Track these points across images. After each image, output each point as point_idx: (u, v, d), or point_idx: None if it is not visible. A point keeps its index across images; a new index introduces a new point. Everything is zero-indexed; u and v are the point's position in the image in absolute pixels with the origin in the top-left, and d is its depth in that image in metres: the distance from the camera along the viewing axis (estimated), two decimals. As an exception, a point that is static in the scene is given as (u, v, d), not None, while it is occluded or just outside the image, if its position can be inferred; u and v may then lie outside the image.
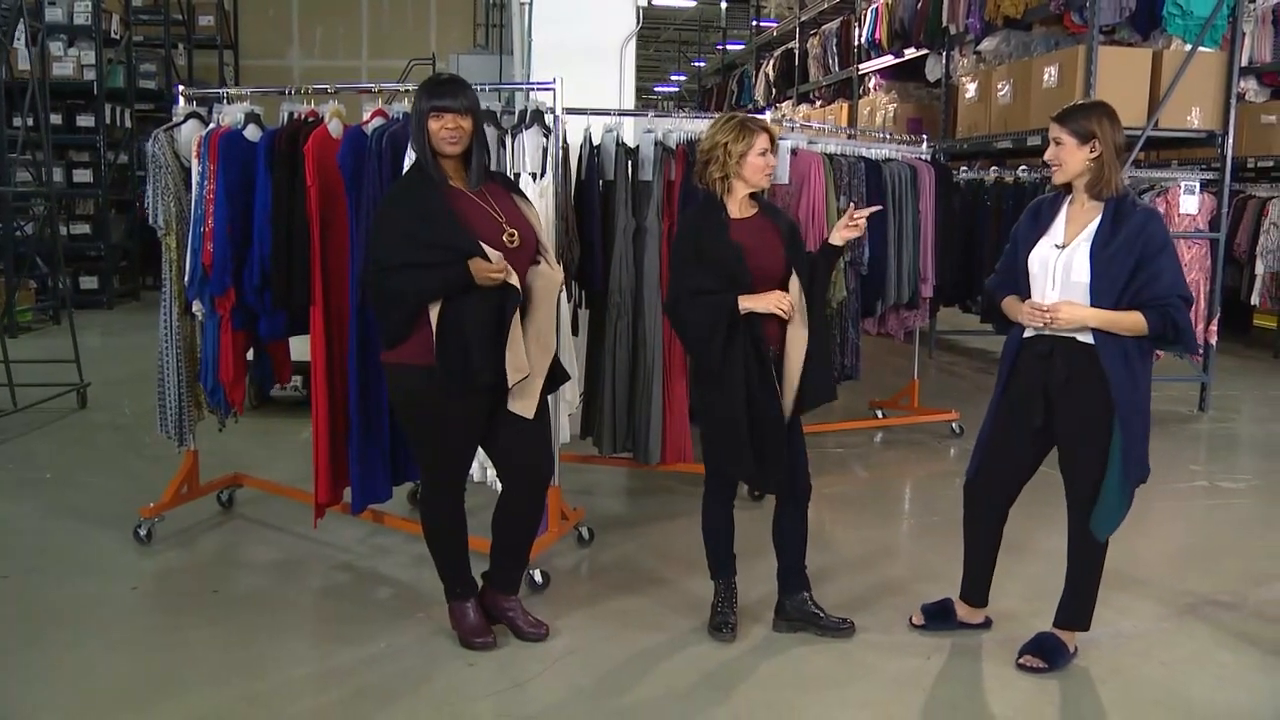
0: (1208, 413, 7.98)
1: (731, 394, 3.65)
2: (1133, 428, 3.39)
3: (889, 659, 3.75)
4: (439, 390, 3.53)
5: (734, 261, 3.66)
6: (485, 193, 3.63)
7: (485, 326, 3.49)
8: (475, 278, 3.44)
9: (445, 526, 3.80)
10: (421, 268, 3.49)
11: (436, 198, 3.54)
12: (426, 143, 3.55)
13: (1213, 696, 3.56)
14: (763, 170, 3.73)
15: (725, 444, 3.74)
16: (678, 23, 26.85)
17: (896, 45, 11.34)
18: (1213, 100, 7.86)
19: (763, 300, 3.63)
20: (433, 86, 3.58)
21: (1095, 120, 3.45)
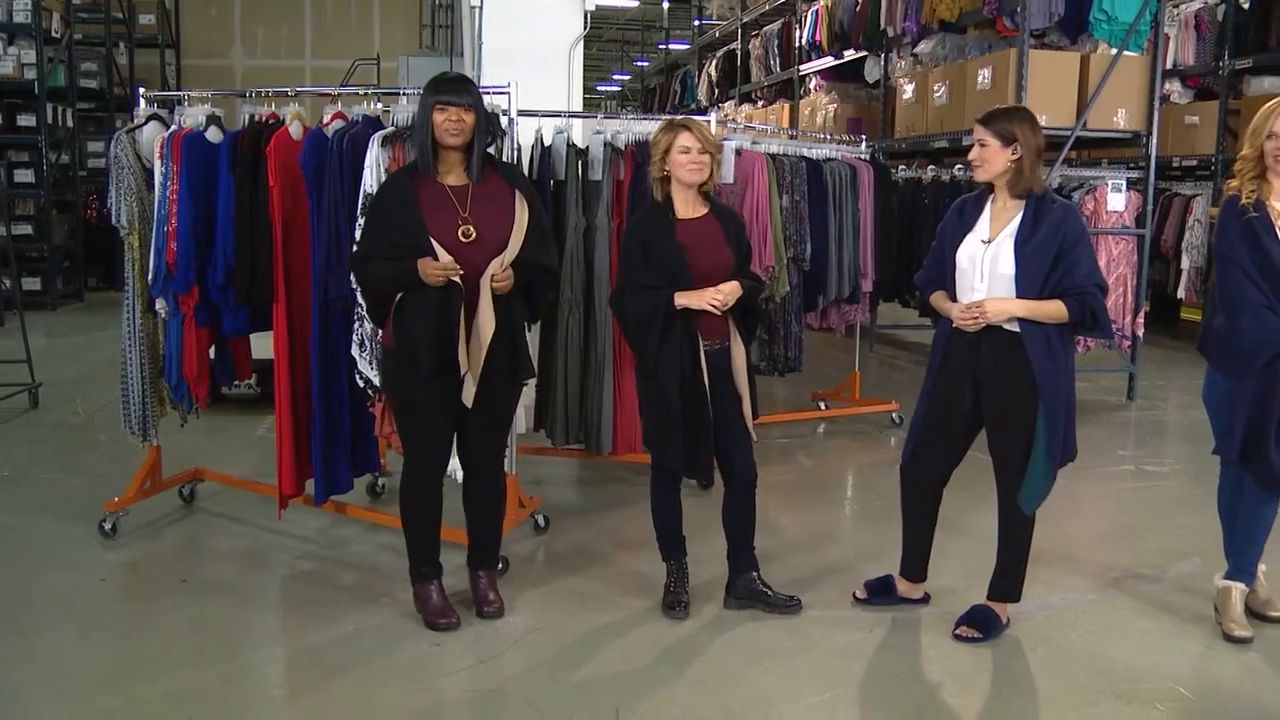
0: (1135, 401, 8.30)
1: (665, 386, 3.88)
2: (1056, 410, 3.64)
3: (834, 632, 3.97)
4: (396, 374, 3.82)
5: (675, 260, 3.87)
6: (473, 187, 3.79)
7: (431, 318, 3.68)
8: (421, 275, 3.63)
9: (420, 507, 3.97)
10: (384, 260, 3.72)
11: (408, 193, 3.73)
12: (430, 135, 3.73)
13: (1134, 661, 3.80)
14: (686, 166, 3.89)
15: (659, 433, 3.97)
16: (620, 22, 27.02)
17: (836, 47, 11.60)
18: (1137, 102, 8.18)
19: (696, 296, 3.83)
20: (440, 83, 3.80)
21: (1017, 124, 3.69)
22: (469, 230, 3.73)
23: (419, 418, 3.87)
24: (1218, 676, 3.74)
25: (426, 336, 3.69)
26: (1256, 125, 3.82)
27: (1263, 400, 3.81)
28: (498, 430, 4.06)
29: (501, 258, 3.74)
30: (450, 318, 3.68)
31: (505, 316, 3.80)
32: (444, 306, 3.68)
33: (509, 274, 3.74)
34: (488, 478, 4.06)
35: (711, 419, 3.95)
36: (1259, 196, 3.80)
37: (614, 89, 35.36)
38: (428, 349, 3.69)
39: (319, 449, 4.60)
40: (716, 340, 3.94)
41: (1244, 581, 4.06)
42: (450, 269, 3.64)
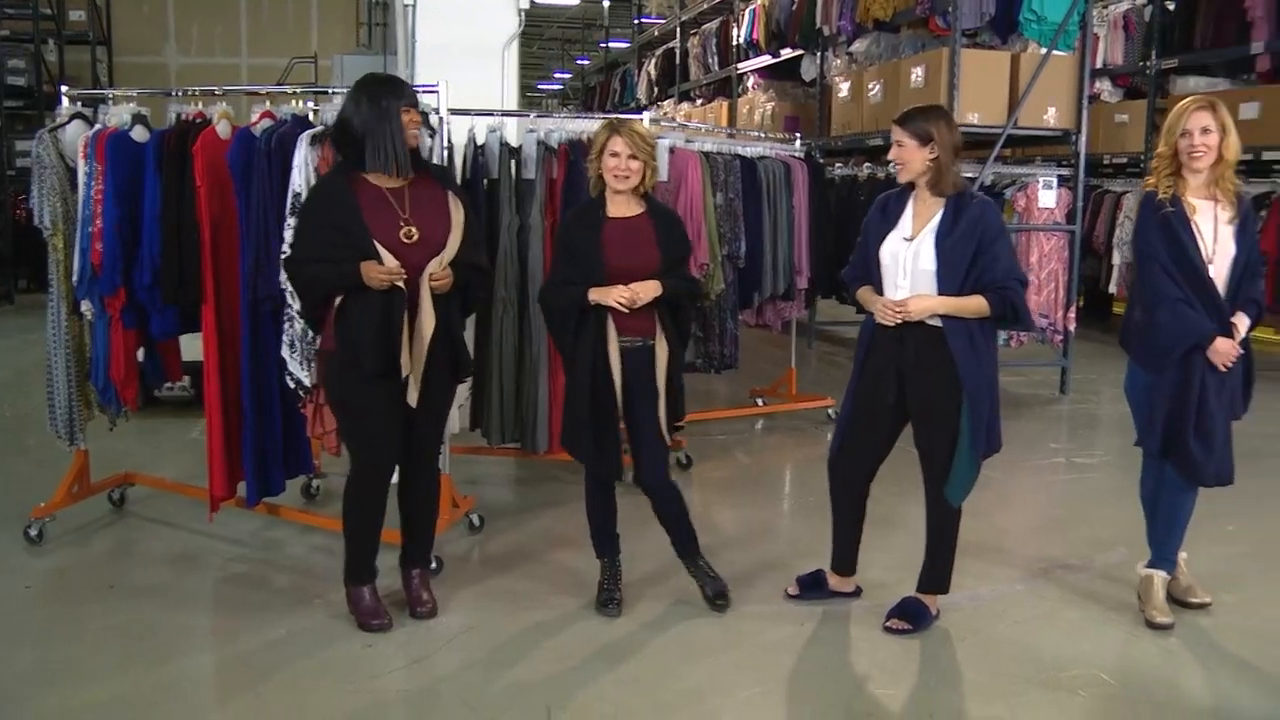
0: (1068, 395, 8.43)
1: (578, 381, 3.93)
2: (979, 403, 3.71)
3: (766, 627, 4.00)
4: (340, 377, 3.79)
5: (593, 258, 3.89)
6: (409, 188, 3.78)
7: (374, 320, 3.65)
8: (364, 278, 3.61)
9: (365, 510, 3.94)
10: (324, 263, 3.69)
11: (347, 195, 3.71)
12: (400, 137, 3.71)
13: (1059, 649, 3.88)
14: (612, 171, 3.91)
15: (571, 427, 4.00)
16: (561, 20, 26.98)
17: (773, 45, 11.67)
18: (1067, 100, 8.31)
19: (606, 293, 3.85)
20: (397, 84, 3.81)
21: (933, 123, 3.76)
22: (411, 232, 3.72)
23: (365, 420, 3.84)
24: (1140, 663, 3.82)
25: (370, 339, 3.66)
26: (1170, 124, 3.91)
27: (1181, 393, 3.90)
28: (436, 429, 4.07)
29: (440, 257, 3.73)
30: (394, 320, 3.67)
31: (444, 316, 3.80)
32: (387, 308, 3.66)
33: (449, 273, 3.74)
34: (423, 476, 4.06)
35: (621, 417, 3.98)
36: (1175, 193, 3.89)
37: (555, 87, 35.28)
38: (372, 351, 3.67)
39: (250, 451, 4.57)
40: (638, 338, 3.94)
41: (1165, 570, 4.15)
42: (396, 273, 3.63)
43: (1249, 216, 3.99)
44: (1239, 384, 4.01)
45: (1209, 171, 3.89)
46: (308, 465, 4.93)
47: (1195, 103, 3.91)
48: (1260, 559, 4.86)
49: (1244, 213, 3.94)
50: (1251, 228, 4.00)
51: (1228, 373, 3.91)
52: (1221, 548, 4.87)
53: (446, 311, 3.79)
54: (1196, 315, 3.86)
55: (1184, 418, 3.90)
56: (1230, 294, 3.90)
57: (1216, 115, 3.85)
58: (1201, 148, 3.84)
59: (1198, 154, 3.85)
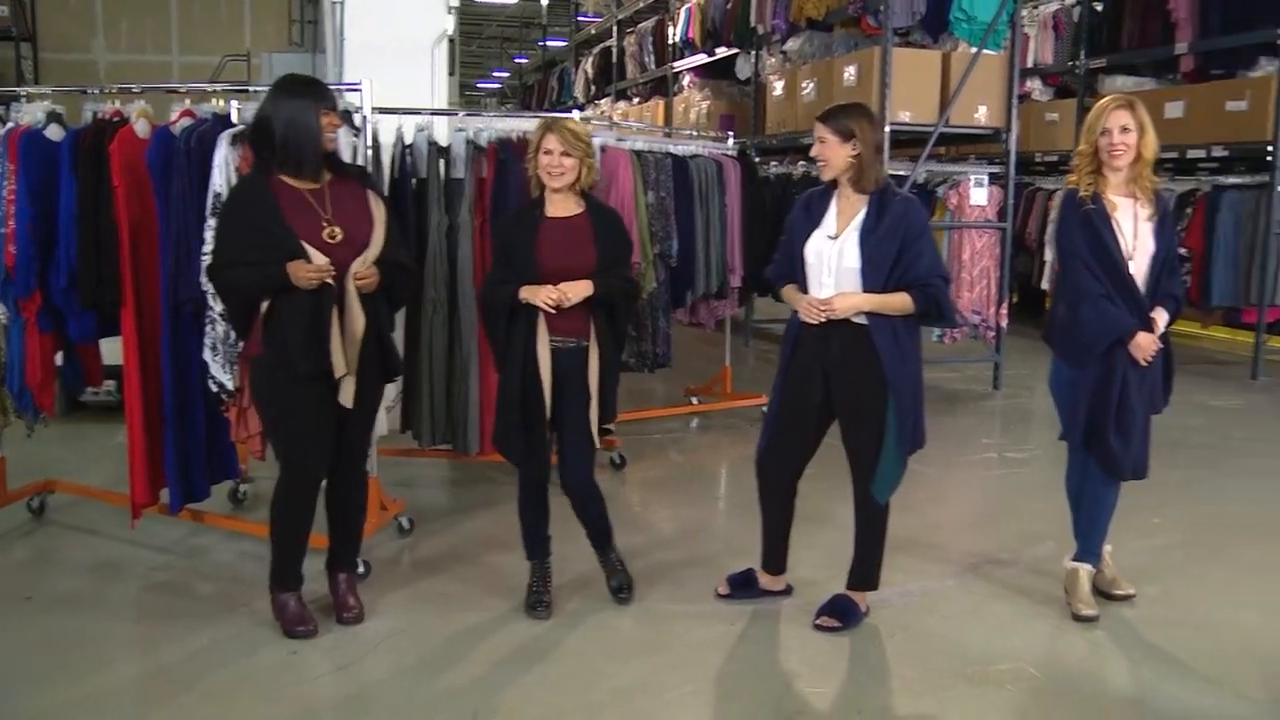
0: (1001, 390, 8.53)
1: (508, 380, 3.92)
2: (904, 400, 3.72)
3: (696, 627, 3.99)
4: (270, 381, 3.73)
5: (526, 257, 3.87)
6: (327, 188, 3.72)
7: (304, 321, 3.60)
8: (292, 279, 3.55)
9: (295, 515, 3.86)
10: (248, 266, 3.63)
11: (268, 196, 3.64)
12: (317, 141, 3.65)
13: (987, 643, 3.91)
14: (546, 169, 3.88)
15: (502, 426, 3.98)
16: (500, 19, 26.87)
17: (709, 44, 11.70)
18: (997, 99, 8.40)
19: (535, 293, 3.82)
20: (317, 86, 3.75)
21: (854, 120, 3.77)
22: (334, 232, 3.66)
23: (296, 423, 3.76)
24: (1066, 656, 3.86)
25: (300, 340, 3.61)
26: (1091, 122, 3.96)
27: (1103, 388, 3.95)
28: (365, 431, 4.01)
29: (365, 255, 3.68)
30: (324, 319, 3.61)
31: (372, 315, 3.75)
32: (316, 308, 3.60)
33: (374, 271, 3.69)
34: (351, 480, 4.00)
35: (550, 417, 3.95)
36: (1096, 190, 3.94)
37: (495, 86, 35.13)
38: (303, 353, 3.61)
39: (172, 456, 4.48)
40: (570, 339, 3.91)
41: (1090, 563, 4.20)
42: (326, 270, 3.57)
43: (1167, 214, 4.05)
44: (1159, 378, 4.07)
45: (1128, 169, 3.94)
46: (233, 470, 4.85)
47: (1114, 101, 3.97)
48: (1184, 550, 4.93)
49: (1163, 210, 4.00)
50: (1170, 225, 4.06)
51: (1148, 367, 3.96)
52: (1147, 539, 4.95)
53: (374, 311, 3.75)
54: (1118, 311, 3.90)
55: (1105, 412, 3.95)
56: (1150, 290, 3.96)
57: (1135, 114, 3.90)
58: (1121, 146, 3.89)
59: (1117, 152, 3.90)
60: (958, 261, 8.30)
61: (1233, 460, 6.66)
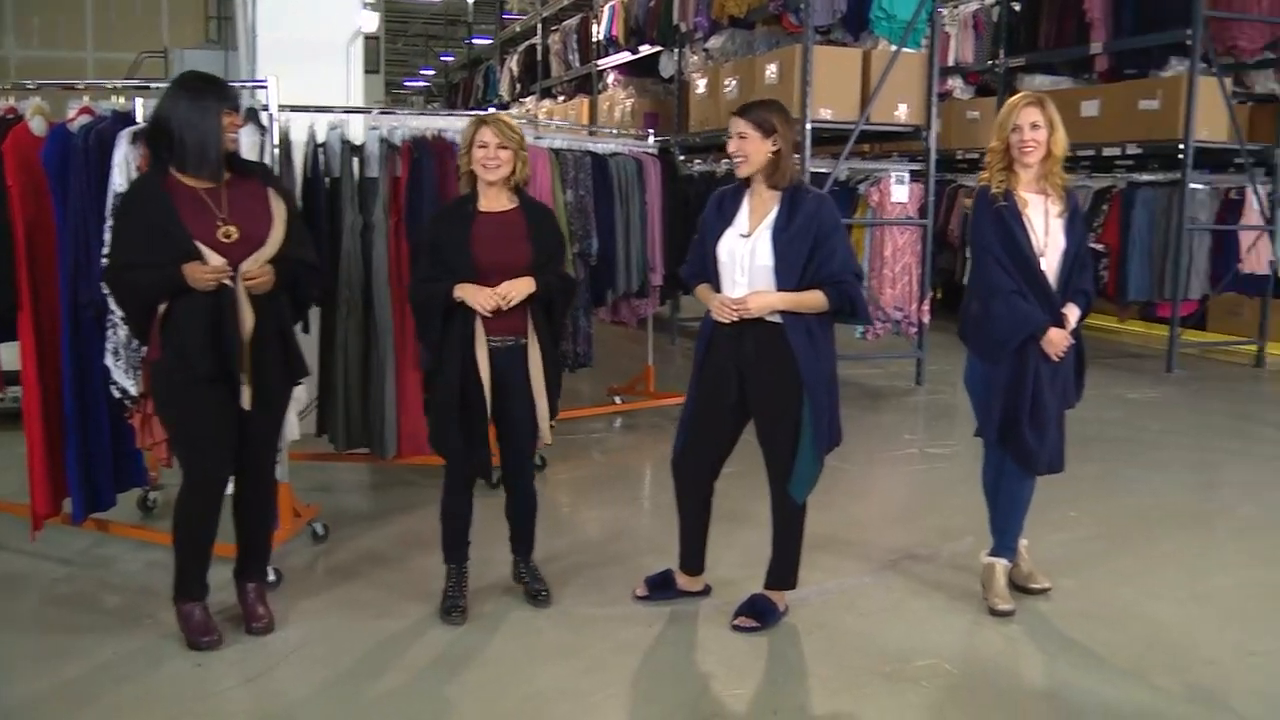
0: (924, 386, 8.61)
1: (445, 379, 3.84)
2: (819, 398, 3.70)
3: (614, 629, 3.94)
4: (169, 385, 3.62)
5: (459, 253, 3.81)
6: (226, 187, 3.61)
7: (202, 323, 3.50)
8: (189, 280, 3.45)
9: (198, 523, 3.74)
10: (144, 268, 3.52)
11: (162, 196, 3.53)
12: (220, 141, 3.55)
13: (905, 640, 3.91)
14: (481, 162, 3.85)
15: (439, 426, 3.92)
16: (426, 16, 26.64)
17: (632, 42, 11.67)
18: (917, 97, 8.46)
19: (474, 295, 3.76)
20: (218, 85, 3.64)
21: (775, 115, 3.75)
22: (230, 231, 3.56)
23: (197, 428, 3.65)
24: (982, 651, 3.87)
25: (199, 342, 3.51)
26: (1002, 119, 3.98)
27: (1016, 383, 3.97)
28: (271, 435, 3.90)
29: (258, 255, 3.57)
30: (223, 321, 3.51)
31: (274, 315, 3.66)
32: (215, 310, 3.50)
33: (267, 271, 3.58)
34: (258, 486, 3.90)
35: (491, 417, 3.89)
36: (1008, 187, 3.96)
37: (422, 85, 34.85)
38: (201, 355, 3.51)
39: (75, 464, 4.35)
40: (509, 337, 3.87)
41: (1006, 557, 4.22)
42: (222, 272, 3.48)
43: (1078, 210, 4.09)
44: (1071, 373, 4.10)
45: (1039, 166, 3.97)
46: (140, 477, 4.72)
47: (1024, 99, 4.00)
48: (1099, 542, 4.98)
49: (1073, 207, 4.04)
50: (1080, 221, 4.10)
51: (1060, 363, 3.99)
52: (1062, 533, 5.00)
53: (275, 311, 3.65)
54: (1030, 307, 3.93)
55: (1019, 407, 3.98)
56: (1061, 286, 3.99)
57: (1045, 111, 3.93)
58: (1031, 143, 3.92)
59: (1028, 149, 3.92)
60: (880, 258, 8.36)
61: (1148, 452, 6.76)
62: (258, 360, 3.60)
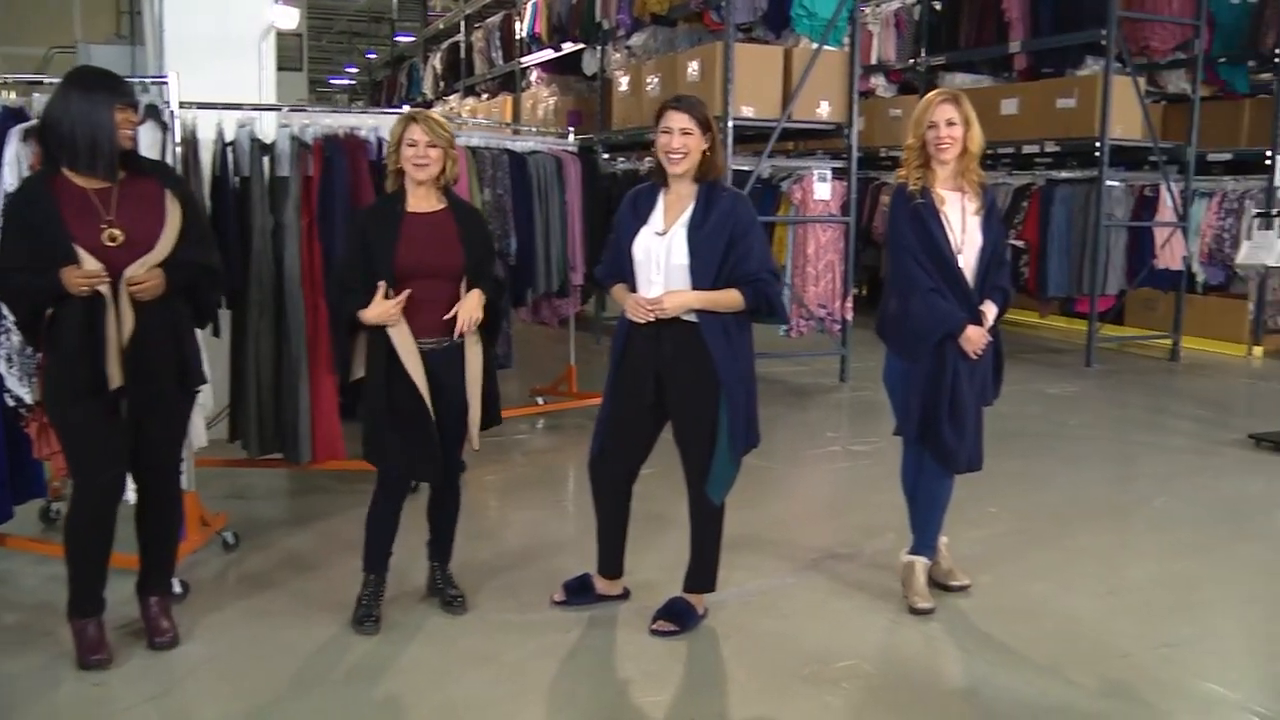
0: (848, 383, 8.64)
1: (373, 384, 3.75)
2: (736, 398, 3.66)
3: (530, 637, 3.86)
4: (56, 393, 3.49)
5: (380, 255, 3.69)
6: (117, 187, 3.46)
7: (80, 330, 3.37)
8: (65, 285, 3.31)
9: (88, 536, 3.59)
10: (26, 271, 3.37)
11: (47, 197, 3.39)
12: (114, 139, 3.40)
13: (825, 642, 3.88)
14: (411, 160, 3.74)
15: (372, 433, 3.81)
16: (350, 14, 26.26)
17: (555, 40, 11.57)
18: (839, 94, 8.47)
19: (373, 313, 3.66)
20: (112, 80, 3.48)
21: (707, 110, 3.71)
22: (114, 234, 3.41)
23: (86, 437, 3.51)
24: (902, 650, 3.86)
25: (76, 349, 3.37)
26: (918, 116, 3.97)
27: (935, 381, 3.96)
28: (170, 444, 3.75)
29: (145, 259, 3.42)
30: (97, 327, 3.36)
31: (166, 322, 3.51)
32: (89, 315, 3.36)
33: (154, 276, 3.42)
34: (160, 495, 3.76)
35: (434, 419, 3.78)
36: (924, 184, 3.95)
37: (348, 83, 34.39)
38: (78, 363, 3.37)
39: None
40: (443, 338, 3.77)
41: (926, 555, 4.22)
42: (94, 277, 3.32)
43: (994, 207, 4.09)
44: (989, 371, 4.10)
45: (955, 163, 3.96)
46: (39, 488, 4.55)
47: (940, 96, 4.00)
48: (1017, 537, 5.01)
49: (989, 204, 4.04)
50: (997, 218, 4.10)
51: (978, 361, 3.99)
52: (982, 529, 5.02)
53: (168, 317, 3.51)
54: (948, 305, 3.92)
55: (938, 405, 3.97)
56: (979, 283, 3.99)
57: (960, 108, 3.93)
58: (947, 139, 3.91)
59: (944, 145, 3.92)
60: (803, 256, 8.37)
61: (1066, 447, 6.83)
62: (147, 368, 3.46)
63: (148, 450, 3.63)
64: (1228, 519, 5.36)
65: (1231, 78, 11.21)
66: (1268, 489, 5.99)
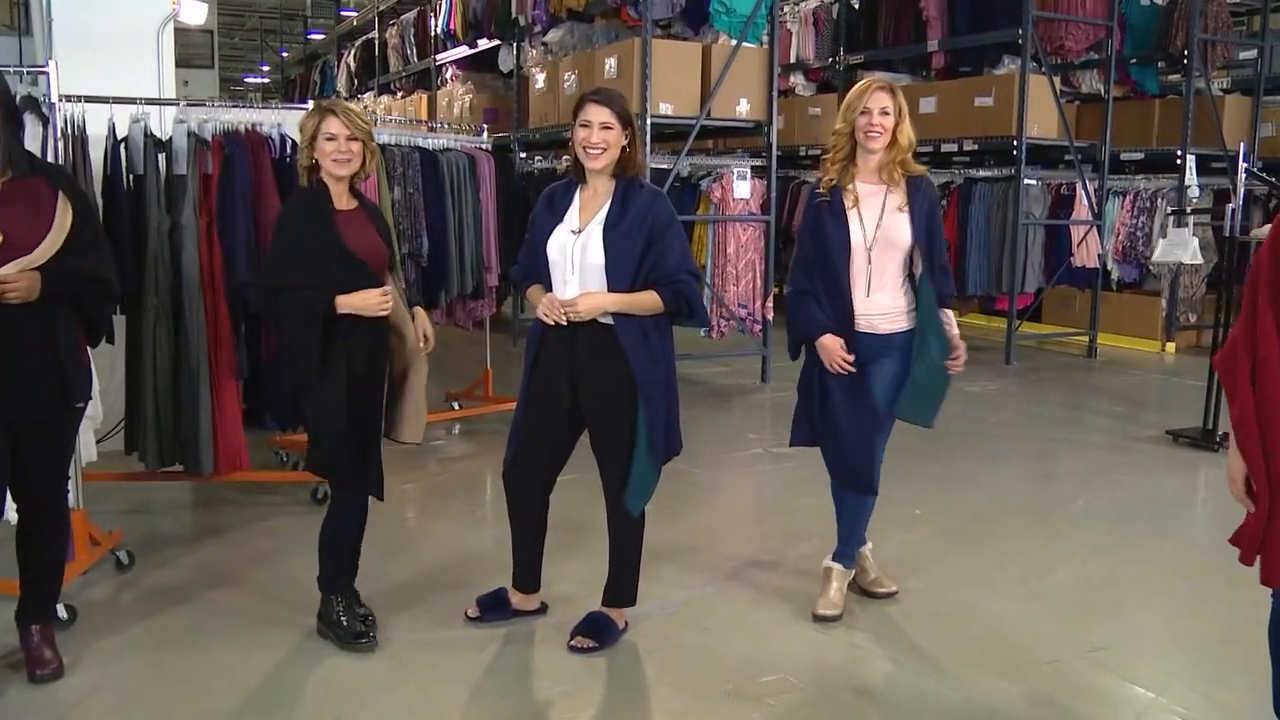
0: (769, 384, 8.55)
1: (331, 397, 3.54)
2: (655, 403, 3.50)
3: (442, 656, 3.68)
4: None
5: (338, 255, 3.51)
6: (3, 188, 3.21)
7: None
8: None
9: None
10: None
11: None
12: None
13: (750, 655, 3.75)
14: (332, 155, 3.52)
15: (329, 448, 3.61)
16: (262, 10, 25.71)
17: (470, 36, 11.35)
18: (759, 92, 8.37)
19: (362, 299, 3.49)
20: None
21: (628, 105, 3.57)
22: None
23: None
24: (828, 662, 3.73)
25: None
26: (851, 102, 3.83)
27: (806, 388, 3.92)
28: (52, 461, 3.47)
29: (20, 261, 3.16)
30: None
31: (45, 331, 3.26)
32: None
33: (26, 279, 3.15)
34: (41, 516, 3.49)
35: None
36: (836, 182, 3.83)
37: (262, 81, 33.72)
38: None
39: None
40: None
41: (843, 564, 4.11)
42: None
43: (925, 202, 3.83)
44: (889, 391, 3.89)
45: (883, 154, 3.82)
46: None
47: (875, 83, 3.87)
48: (943, 540, 4.93)
49: (921, 196, 3.82)
50: (926, 212, 3.82)
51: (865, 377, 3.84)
52: (908, 532, 4.94)
53: (44, 327, 3.26)
54: (814, 311, 3.81)
55: (813, 413, 3.91)
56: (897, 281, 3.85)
57: (895, 98, 3.81)
58: (879, 127, 3.78)
59: (874, 133, 3.78)
60: (723, 255, 8.28)
61: (987, 445, 6.81)
62: (20, 380, 3.21)
63: (30, 467, 3.38)
64: (1147, 516, 5.35)
65: (1142, 78, 11.38)
66: (1184, 484, 6.01)
